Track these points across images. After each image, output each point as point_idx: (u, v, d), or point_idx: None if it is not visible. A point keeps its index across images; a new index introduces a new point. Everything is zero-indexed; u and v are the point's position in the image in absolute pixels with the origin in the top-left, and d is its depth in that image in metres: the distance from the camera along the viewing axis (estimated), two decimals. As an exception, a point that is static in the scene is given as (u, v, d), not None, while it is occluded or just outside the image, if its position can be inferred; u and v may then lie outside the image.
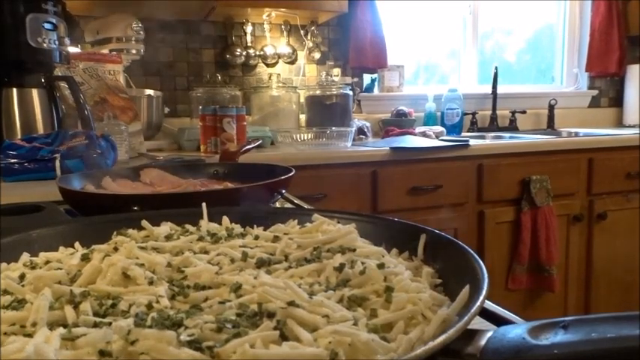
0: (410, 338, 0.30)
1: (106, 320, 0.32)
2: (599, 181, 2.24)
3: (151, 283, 0.39)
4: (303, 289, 0.36)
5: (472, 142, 2.07)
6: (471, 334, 0.29)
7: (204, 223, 0.54)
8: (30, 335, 0.31)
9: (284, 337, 0.30)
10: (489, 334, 0.29)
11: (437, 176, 1.98)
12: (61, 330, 0.30)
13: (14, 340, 0.30)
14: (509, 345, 0.27)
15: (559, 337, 0.27)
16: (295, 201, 0.94)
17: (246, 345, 0.28)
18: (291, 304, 0.32)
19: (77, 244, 0.50)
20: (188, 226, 0.53)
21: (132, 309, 0.34)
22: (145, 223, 0.51)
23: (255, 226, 0.55)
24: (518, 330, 0.28)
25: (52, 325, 0.32)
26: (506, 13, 3.07)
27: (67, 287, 0.38)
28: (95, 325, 0.32)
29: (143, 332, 0.29)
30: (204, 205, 0.56)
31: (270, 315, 0.32)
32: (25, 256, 0.47)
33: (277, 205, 0.85)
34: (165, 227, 0.52)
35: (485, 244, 2.09)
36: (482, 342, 0.28)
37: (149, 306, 0.34)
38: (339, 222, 0.51)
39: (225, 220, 0.55)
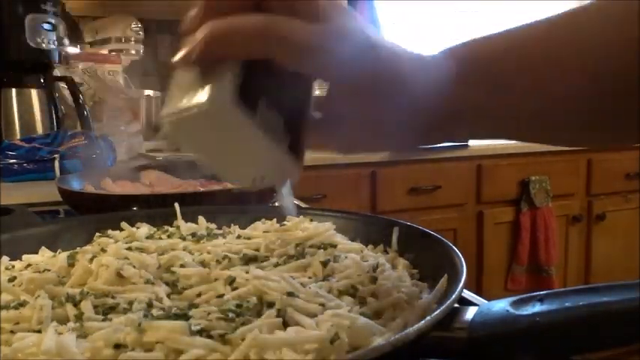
0: (398, 322, 0.32)
1: (110, 317, 0.33)
2: (598, 182, 2.24)
3: (146, 282, 0.39)
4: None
5: (471, 142, 2.06)
6: (458, 311, 0.32)
7: (182, 224, 0.54)
8: (38, 332, 0.31)
9: (285, 325, 0.32)
10: (475, 309, 0.32)
11: (436, 177, 1.98)
12: (71, 325, 0.31)
13: (25, 335, 0.30)
14: (495, 317, 0.31)
15: (537, 307, 0.30)
16: (295, 201, 0.94)
17: (256, 330, 0.29)
18: (290, 294, 0.34)
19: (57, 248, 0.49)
20: (167, 227, 0.54)
21: (134, 306, 0.34)
22: (124, 224, 0.52)
23: (231, 225, 0.55)
24: (501, 304, 0.32)
25: (56, 324, 0.32)
26: (506, 13, 3.07)
27: (62, 288, 0.38)
28: (102, 320, 0.32)
29: (155, 324, 0.30)
30: (176, 205, 0.56)
31: (270, 305, 0.33)
32: (5, 260, 0.46)
33: (277, 204, 0.85)
34: (145, 228, 0.52)
35: (485, 245, 2.09)
36: (470, 317, 0.32)
37: (149, 304, 0.34)
38: (312, 220, 0.53)
39: (202, 220, 0.55)
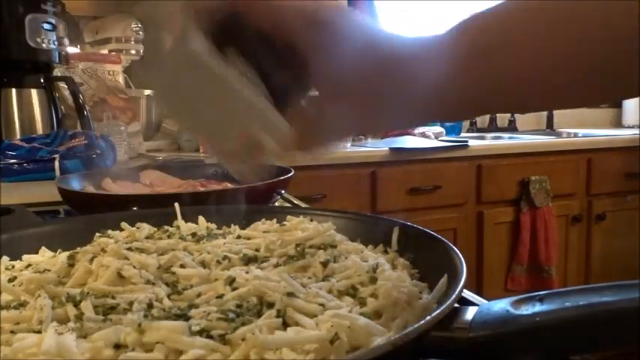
0: (398, 322, 0.32)
1: (110, 317, 0.33)
2: (598, 182, 2.24)
3: (147, 282, 0.39)
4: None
5: (471, 142, 2.07)
6: (458, 311, 0.32)
7: (182, 224, 0.54)
8: (39, 333, 0.31)
9: (285, 325, 0.32)
10: (475, 309, 0.32)
11: (436, 177, 1.98)
12: (71, 325, 0.31)
13: (25, 335, 0.30)
14: (495, 316, 0.31)
15: (537, 307, 0.30)
16: (295, 201, 0.94)
17: (255, 331, 0.29)
18: (290, 294, 0.33)
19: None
20: (167, 227, 0.54)
21: (134, 306, 0.34)
22: (124, 224, 0.52)
23: (231, 225, 0.55)
24: (501, 304, 0.32)
25: (56, 324, 0.32)
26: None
27: (62, 288, 0.38)
28: (102, 321, 0.32)
29: (155, 324, 0.30)
30: (176, 205, 0.56)
31: (270, 305, 0.33)
32: (5, 260, 0.46)
33: (277, 204, 0.85)
34: (145, 228, 0.52)
35: (485, 245, 2.09)
36: (470, 317, 0.31)
37: (149, 304, 0.34)
38: (312, 220, 0.53)
39: (202, 220, 0.55)
